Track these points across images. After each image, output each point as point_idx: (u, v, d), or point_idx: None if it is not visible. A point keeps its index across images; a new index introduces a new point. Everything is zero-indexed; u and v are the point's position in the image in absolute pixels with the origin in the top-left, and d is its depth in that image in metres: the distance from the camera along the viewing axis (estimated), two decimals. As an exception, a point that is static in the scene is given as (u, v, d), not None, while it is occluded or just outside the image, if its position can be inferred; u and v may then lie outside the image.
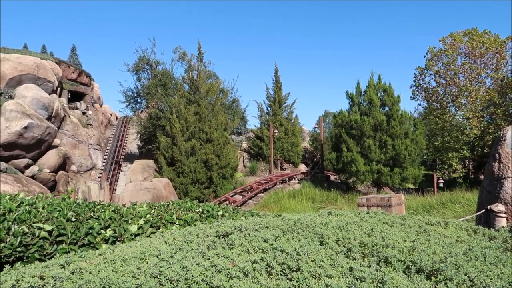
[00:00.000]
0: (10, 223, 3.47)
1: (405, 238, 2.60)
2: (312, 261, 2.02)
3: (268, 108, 31.48)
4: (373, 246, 2.32)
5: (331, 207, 16.53)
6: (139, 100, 28.64)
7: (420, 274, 2.05)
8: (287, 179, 24.69)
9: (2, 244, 3.22)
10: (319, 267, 1.95)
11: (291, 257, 2.04)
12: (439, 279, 2.00)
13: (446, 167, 24.59)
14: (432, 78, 26.00)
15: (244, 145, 31.64)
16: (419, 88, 27.02)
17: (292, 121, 31.49)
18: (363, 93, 22.71)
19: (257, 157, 29.48)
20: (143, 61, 27.66)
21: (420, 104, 28.68)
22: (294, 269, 1.93)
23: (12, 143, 18.45)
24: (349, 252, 2.22)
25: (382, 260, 2.13)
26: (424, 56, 26.22)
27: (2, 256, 3.26)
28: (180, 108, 22.13)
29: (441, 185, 21.41)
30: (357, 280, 1.83)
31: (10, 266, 2.73)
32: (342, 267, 1.98)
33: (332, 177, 25.76)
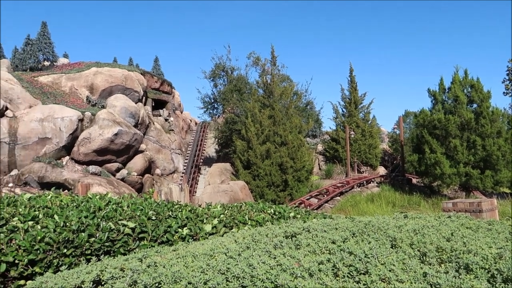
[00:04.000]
0: (99, 219, 3.81)
1: (490, 244, 2.36)
2: (382, 264, 1.93)
3: (344, 110, 30.74)
4: (452, 252, 2.15)
5: (413, 212, 15.64)
6: (216, 106, 29.74)
7: (508, 284, 1.85)
8: (364, 182, 23.86)
9: (92, 239, 3.55)
10: (389, 271, 1.85)
11: (359, 260, 1.97)
12: (531, 290, 1.79)
13: (549, 169, 21.89)
14: (529, 70, 23.38)
15: (319, 147, 31.23)
16: (514, 82, 24.46)
17: (369, 122, 30.38)
18: (447, 90, 21.17)
19: (333, 159, 28.92)
20: (219, 67, 28.69)
21: (515, 100, 25.93)
22: (362, 271, 1.86)
23: (105, 149, 20.28)
24: (424, 257, 2.08)
25: (462, 267, 1.96)
26: (519, 47, 23.68)
27: (93, 250, 3.59)
28: (255, 112, 22.54)
29: (544, 189, 19.11)
30: (431, 287, 1.71)
31: (96, 258, 2.99)
32: (415, 272, 1.86)
33: (414, 180, 24.33)
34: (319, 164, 29.32)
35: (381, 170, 29.44)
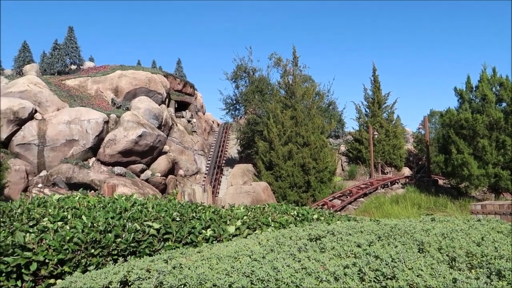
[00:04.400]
0: (125, 220, 3.88)
1: (524, 249, 2.28)
2: (409, 269, 1.89)
3: (367, 110, 30.32)
4: (482, 257, 2.08)
5: (440, 214, 15.24)
6: (238, 107, 29.85)
7: (543, 292, 1.78)
8: (389, 183, 23.46)
9: (119, 239, 3.62)
10: (417, 276, 1.81)
11: (386, 264, 1.93)
12: None
13: None
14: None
15: (342, 148, 30.91)
16: (546, 79, 23.51)
17: (393, 122, 29.86)
18: (474, 89, 20.58)
19: (356, 160, 28.57)
20: (241, 69, 28.79)
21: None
22: (389, 276, 1.83)
23: (130, 150, 20.66)
24: (453, 262, 2.02)
25: (493, 273, 1.90)
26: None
27: (119, 250, 3.66)
28: (276, 113, 22.52)
29: None
30: (462, 293, 1.66)
31: (123, 259, 3.05)
32: (444, 277, 1.81)
33: (441, 182, 23.76)
34: (342, 165, 29.01)
35: (406, 171, 28.87)
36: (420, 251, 2.20)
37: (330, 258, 2.13)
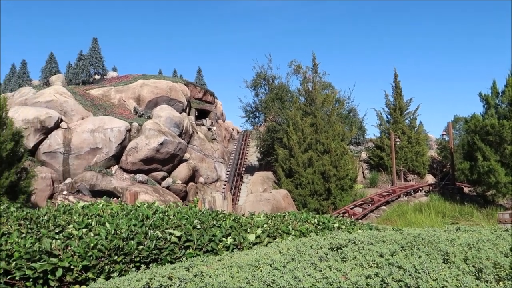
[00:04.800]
0: (147, 228, 3.93)
1: (555, 261, 2.20)
2: (433, 280, 1.85)
3: (388, 116, 29.92)
4: (511, 269, 2.02)
5: (465, 223, 14.83)
6: (257, 115, 29.93)
7: None
8: (412, 191, 23.01)
9: (141, 247, 3.66)
10: (442, 287, 1.77)
11: (409, 274, 1.90)
12: None
13: None
14: None
15: (363, 155, 30.54)
16: None
17: (416, 128, 29.36)
18: (500, 94, 20.06)
19: (377, 167, 28.15)
20: (260, 77, 28.91)
21: None
22: (413, 287, 1.79)
23: (151, 158, 20.96)
24: (479, 274, 1.97)
25: (523, 285, 1.84)
26: None
27: (141, 257, 3.71)
28: (296, 120, 22.47)
29: None
30: (489, 306, 1.61)
31: (145, 266, 3.09)
32: (470, 289, 1.76)
33: (466, 189, 23.15)
34: (363, 173, 28.64)
35: (430, 179, 28.26)
36: (445, 262, 2.15)
37: (351, 268, 2.10)
